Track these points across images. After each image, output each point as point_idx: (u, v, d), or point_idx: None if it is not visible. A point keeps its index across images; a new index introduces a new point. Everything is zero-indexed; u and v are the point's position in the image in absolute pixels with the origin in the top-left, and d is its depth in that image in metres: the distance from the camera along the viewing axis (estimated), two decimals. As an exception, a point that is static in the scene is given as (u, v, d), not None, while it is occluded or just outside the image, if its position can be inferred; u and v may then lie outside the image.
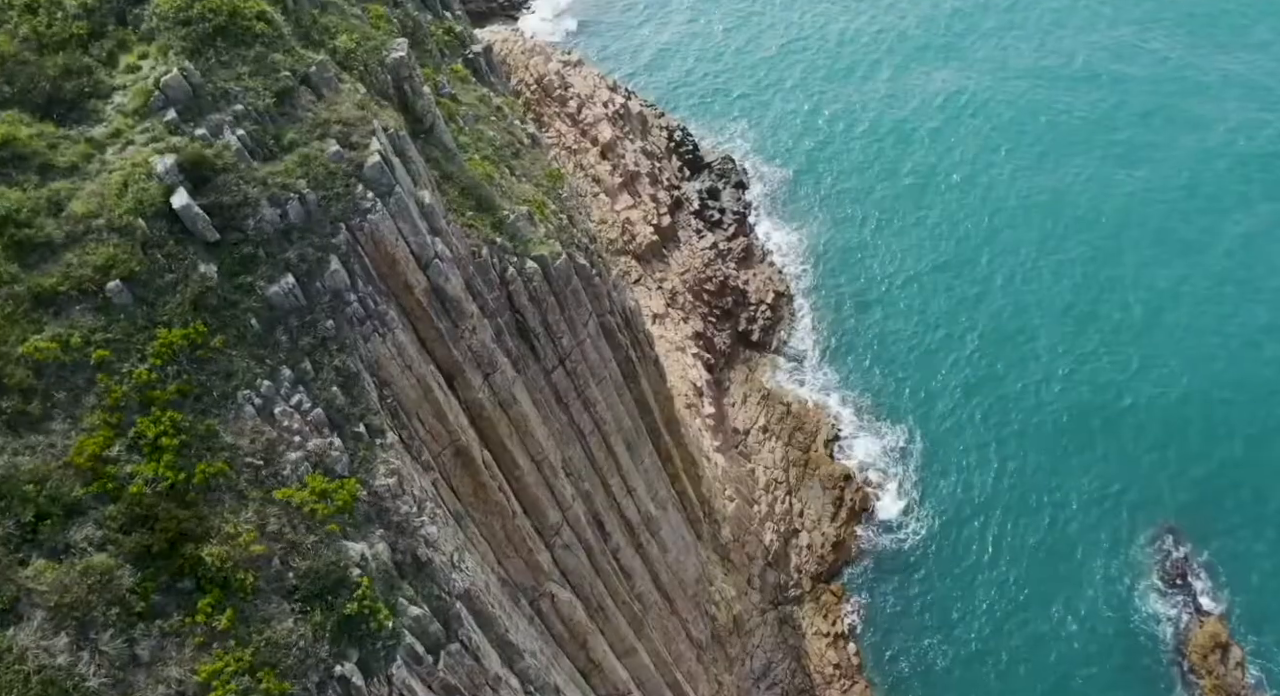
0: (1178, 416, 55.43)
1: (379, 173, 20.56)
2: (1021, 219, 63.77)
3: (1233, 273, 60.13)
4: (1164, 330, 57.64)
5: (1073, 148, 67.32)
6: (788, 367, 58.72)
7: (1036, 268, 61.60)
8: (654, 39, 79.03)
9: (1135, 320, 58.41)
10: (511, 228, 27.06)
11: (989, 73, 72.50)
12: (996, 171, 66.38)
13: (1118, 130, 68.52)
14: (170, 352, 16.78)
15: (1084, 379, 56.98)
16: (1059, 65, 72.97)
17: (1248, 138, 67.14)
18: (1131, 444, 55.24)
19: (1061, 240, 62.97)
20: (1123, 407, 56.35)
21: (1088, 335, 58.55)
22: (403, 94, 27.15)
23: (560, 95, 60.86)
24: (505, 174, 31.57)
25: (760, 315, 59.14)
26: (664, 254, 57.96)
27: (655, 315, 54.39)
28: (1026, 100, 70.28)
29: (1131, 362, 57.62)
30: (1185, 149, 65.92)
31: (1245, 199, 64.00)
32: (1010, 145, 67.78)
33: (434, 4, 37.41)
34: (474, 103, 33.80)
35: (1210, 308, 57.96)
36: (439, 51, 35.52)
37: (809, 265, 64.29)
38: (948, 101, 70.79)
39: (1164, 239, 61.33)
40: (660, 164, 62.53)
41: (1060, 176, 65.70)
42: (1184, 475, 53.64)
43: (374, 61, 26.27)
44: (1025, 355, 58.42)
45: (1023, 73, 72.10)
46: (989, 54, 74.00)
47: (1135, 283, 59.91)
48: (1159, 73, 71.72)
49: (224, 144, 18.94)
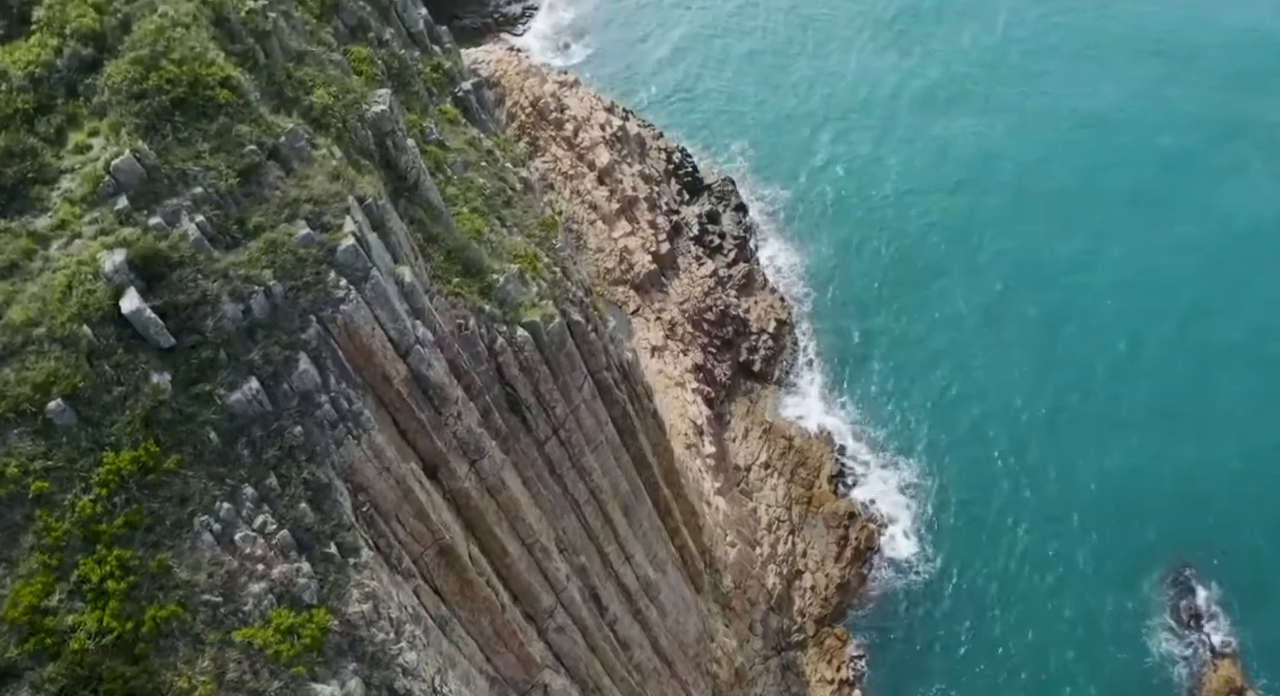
0: (1195, 453, 53.80)
1: (353, 256, 18.88)
2: (1035, 243, 62.06)
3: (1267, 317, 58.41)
4: (1181, 365, 56.00)
5: (1095, 169, 65.48)
6: (790, 399, 57.06)
7: (1054, 294, 59.79)
8: (654, 54, 77.19)
9: (1150, 351, 56.76)
10: (501, 293, 25.39)
11: (998, 90, 70.81)
12: (1010, 191, 64.67)
13: (1145, 165, 66.69)
14: (118, 479, 15.13)
15: (1099, 413, 55.27)
16: (1077, 89, 71.05)
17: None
18: (1146, 479, 53.63)
19: (1079, 262, 61.22)
20: (1138, 443, 54.70)
21: (1103, 368, 56.86)
22: (385, 150, 25.50)
23: (556, 118, 59.10)
24: (496, 226, 29.90)
25: (762, 345, 57.46)
26: (663, 282, 56.28)
27: (654, 348, 52.75)
28: (1040, 116, 68.58)
29: (1147, 396, 55.96)
30: (1225, 198, 64.09)
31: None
32: (1025, 163, 66.01)
33: (422, 39, 35.71)
34: (463, 147, 32.10)
35: (1230, 346, 56.31)
36: (427, 91, 33.82)
37: (811, 290, 62.58)
38: (957, 121, 69.07)
39: (1182, 271, 59.67)
40: (659, 188, 60.83)
41: (1081, 197, 63.87)
42: (1199, 512, 52.03)
43: (353, 117, 24.61)
44: (1038, 388, 56.72)
45: (1034, 91, 70.39)
46: (1000, 75, 72.20)
47: (1156, 313, 58.18)
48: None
49: (181, 233, 17.26)
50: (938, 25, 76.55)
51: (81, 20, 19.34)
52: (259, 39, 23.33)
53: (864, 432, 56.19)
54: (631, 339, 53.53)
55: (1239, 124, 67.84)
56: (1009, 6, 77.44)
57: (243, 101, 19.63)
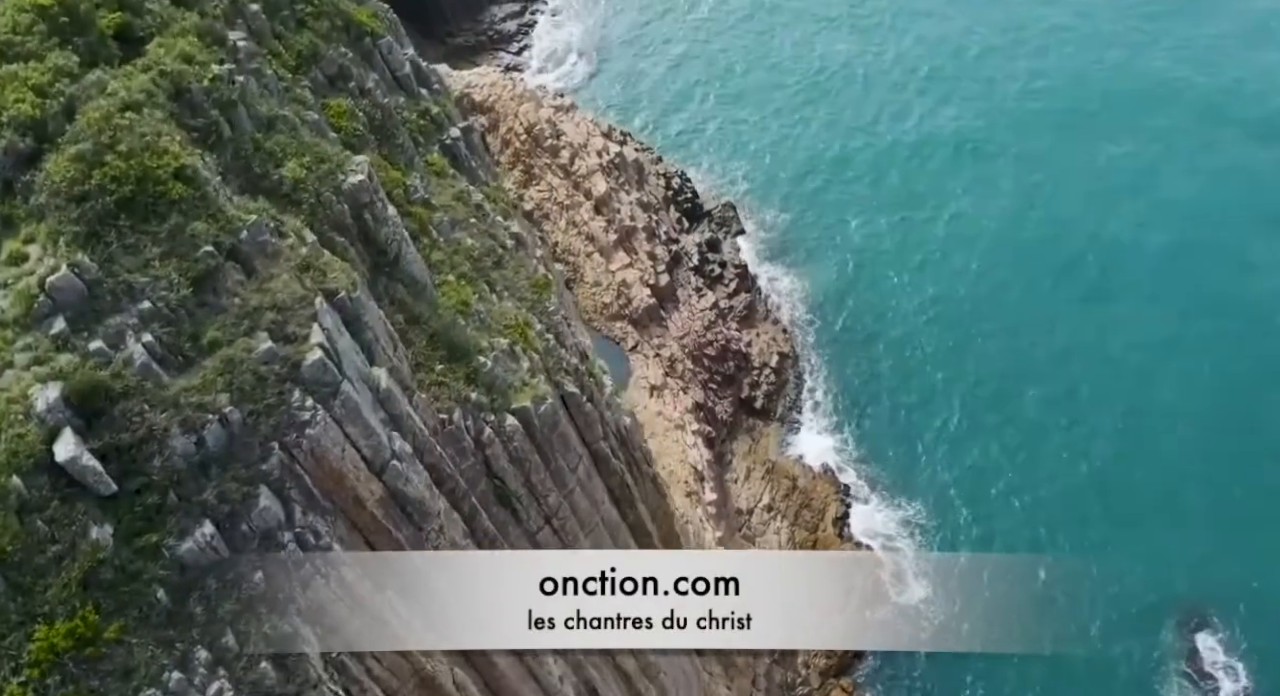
0: (1215, 497, 52.05)
1: (320, 371, 17.05)
2: (1047, 275, 60.15)
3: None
4: (1203, 407, 54.10)
5: (1117, 193, 63.57)
6: (793, 436, 55.28)
7: (1069, 325, 57.85)
8: (654, 73, 75.22)
9: (1173, 390, 54.87)
10: (489, 377, 23.56)
11: (1010, 116, 68.86)
12: (1017, 217, 62.80)
13: (1164, 184, 64.76)
14: (52, 657, 13.32)
15: (1114, 453, 53.47)
16: (1093, 109, 69.12)
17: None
18: (1163, 520, 51.93)
19: (1096, 290, 59.28)
20: (1155, 483, 52.93)
21: (1118, 407, 54.99)
22: (363, 223, 23.63)
23: (552, 145, 57.23)
24: (485, 292, 28.07)
25: (764, 380, 55.67)
26: (662, 316, 54.45)
27: (653, 387, 50.95)
28: (1056, 136, 66.70)
29: (1167, 435, 54.13)
30: (1244, 212, 62.27)
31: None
32: (1044, 189, 64.12)
33: (408, 83, 33.85)
34: (450, 204, 30.25)
35: (1256, 393, 54.42)
36: (413, 141, 31.97)
37: (815, 318, 60.78)
38: (967, 147, 67.17)
39: (1206, 321, 57.65)
40: (658, 216, 58.97)
41: (1093, 225, 61.95)
42: (1220, 557, 50.30)
43: (328, 190, 22.77)
44: (1050, 423, 54.93)
45: (1049, 116, 68.44)
46: (1011, 99, 70.21)
47: (1176, 346, 56.34)
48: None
49: (125, 358, 15.43)
50: (951, 58, 74.47)
51: (19, 106, 17.49)
52: (224, 110, 21.47)
53: (870, 471, 54.40)
54: (630, 377, 51.81)
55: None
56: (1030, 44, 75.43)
57: (199, 194, 17.77)
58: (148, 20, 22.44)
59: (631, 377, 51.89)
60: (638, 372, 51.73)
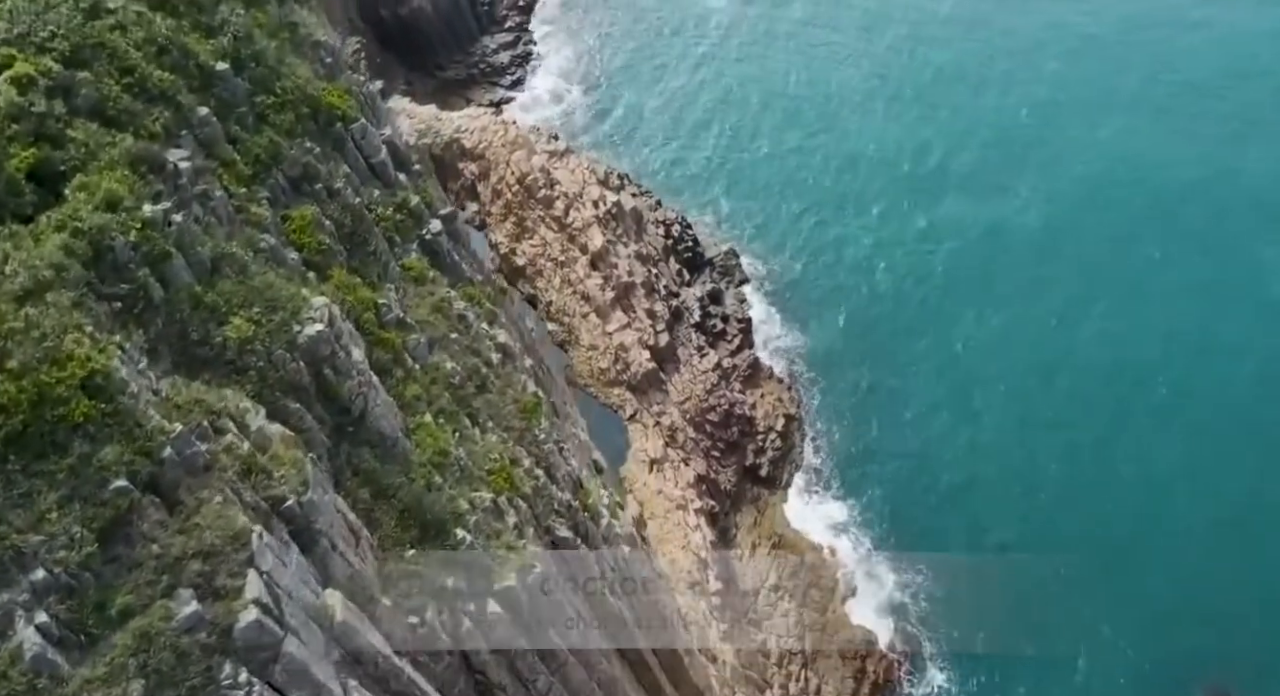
0: (1237, 566, 49.26)
1: (257, 633, 14.03)
2: (1060, 326, 57.26)
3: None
4: (1226, 472, 51.32)
5: (1125, 246, 60.62)
6: (800, 506, 52.32)
7: (1084, 387, 54.96)
8: (649, 106, 72.11)
9: (1202, 455, 51.99)
10: (468, 556, 20.56)
11: (1028, 162, 65.85)
12: (1029, 270, 59.82)
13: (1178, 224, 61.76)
14: None
15: (1130, 522, 50.65)
16: (1104, 157, 66.11)
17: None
18: (1183, 591, 49.16)
19: (1110, 349, 56.31)
20: (1173, 550, 50.19)
21: (1134, 473, 52.15)
22: (322, 379, 20.62)
23: (546, 196, 54.12)
24: (466, 427, 25.03)
25: (769, 445, 52.68)
26: (662, 380, 51.38)
27: (652, 461, 47.93)
28: (1068, 193, 63.70)
29: (1191, 499, 51.33)
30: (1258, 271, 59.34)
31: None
32: (1065, 239, 61.17)
33: (384, 171, 30.72)
34: (429, 319, 27.18)
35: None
36: (388, 242, 28.92)
37: (821, 376, 57.77)
38: (981, 192, 64.14)
39: (1228, 367, 54.90)
40: (657, 268, 55.86)
41: (1108, 276, 58.96)
42: (1238, 628, 47.52)
43: (280, 346, 19.76)
44: (1068, 490, 52.04)
45: (1069, 161, 65.43)
46: (1027, 147, 67.15)
47: (1199, 410, 53.50)
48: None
49: (13, 651, 12.43)
50: (964, 96, 71.36)
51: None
52: (155, 266, 18.42)
53: (881, 542, 51.49)
54: (629, 450, 48.83)
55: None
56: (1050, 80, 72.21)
57: (111, 409, 14.71)
58: (70, 152, 19.36)
59: (630, 450, 48.92)
60: (636, 445, 48.71)
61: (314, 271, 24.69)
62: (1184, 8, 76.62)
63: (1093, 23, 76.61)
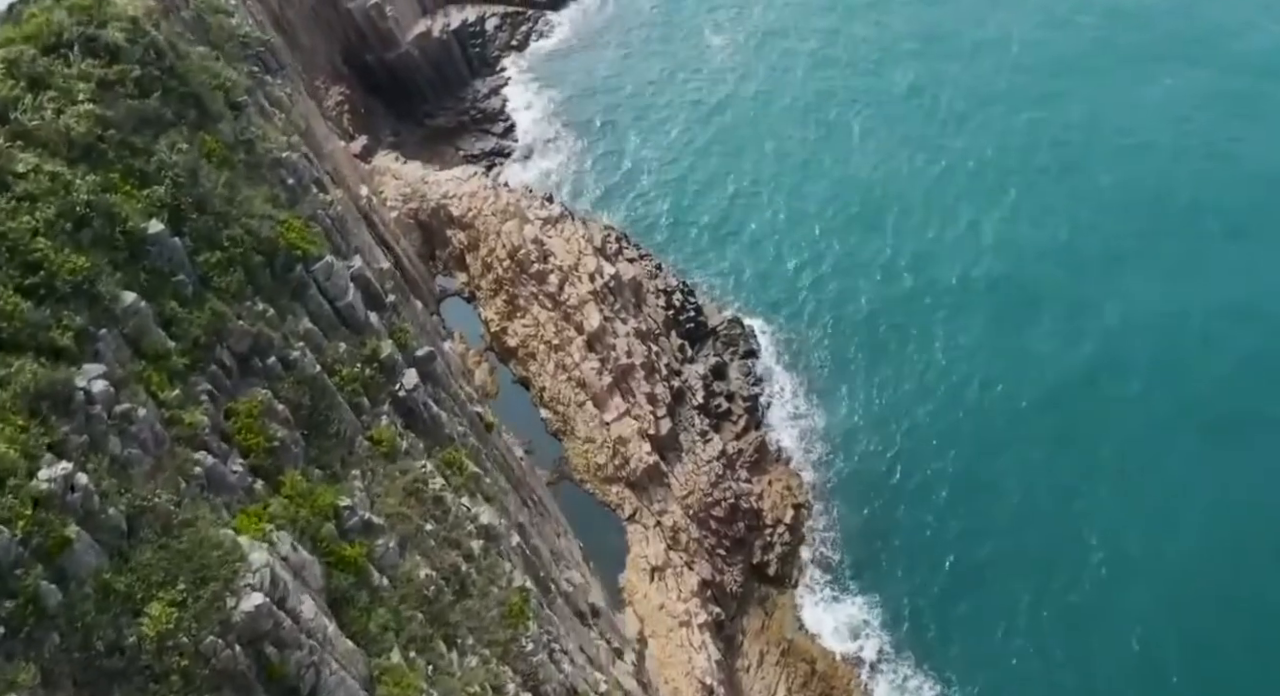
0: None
1: None
2: (1091, 413, 53.62)
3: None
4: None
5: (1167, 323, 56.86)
6: (810, 606, 48.84)
7: (1134, 466, 51.12)
8: (649, 157, 68.28)
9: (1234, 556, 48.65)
10: None
11: (1043, 218, 62.27)
12: (1071, 354, 55.95)
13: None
14: None
15: (1179, 612, 47.06)
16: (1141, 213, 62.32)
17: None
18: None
19: (1168, 436, 52.44)
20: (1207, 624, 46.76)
21: (1178, 560, 48.69)
22: (264, 659, 17.15)
23: (539, 270, 50.47)
24: (440, 657, 21.52)
25: (778, 540, 49.20)
26: (663, 472, 47.83)
27: (653, 569, 44.51)
28: (1105, 266, 59.92)
29: (1221, 599, 48.02)
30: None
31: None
32: (1086, 318, 57.48)
33: (352, 315, 27.14)
34: (400, 511, 23.64)
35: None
36: (356, 406, 25.34)
37: (831, 458, 54.11)
38: (1004, 255, 60.48)
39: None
40: (657, 345, 52.26)
41: (1149, 357, 55.26)
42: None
43: (211, 630, 16.27)
44: (1104, 588, 48.52)
45: (1101, 233, 61.60)
46: (1044, 197, 63.59)
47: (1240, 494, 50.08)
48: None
49: None
50: (985, 140, 67.65)
51: None
52: (48, 563, 14.94)
53: (901, 647, 48.00)
54: (628, 556, 45.41)
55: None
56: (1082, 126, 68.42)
57: None
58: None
59: (629, 556, 45.48)
60: (636, 550, 45.25)
61: (262, 480, 21.20)
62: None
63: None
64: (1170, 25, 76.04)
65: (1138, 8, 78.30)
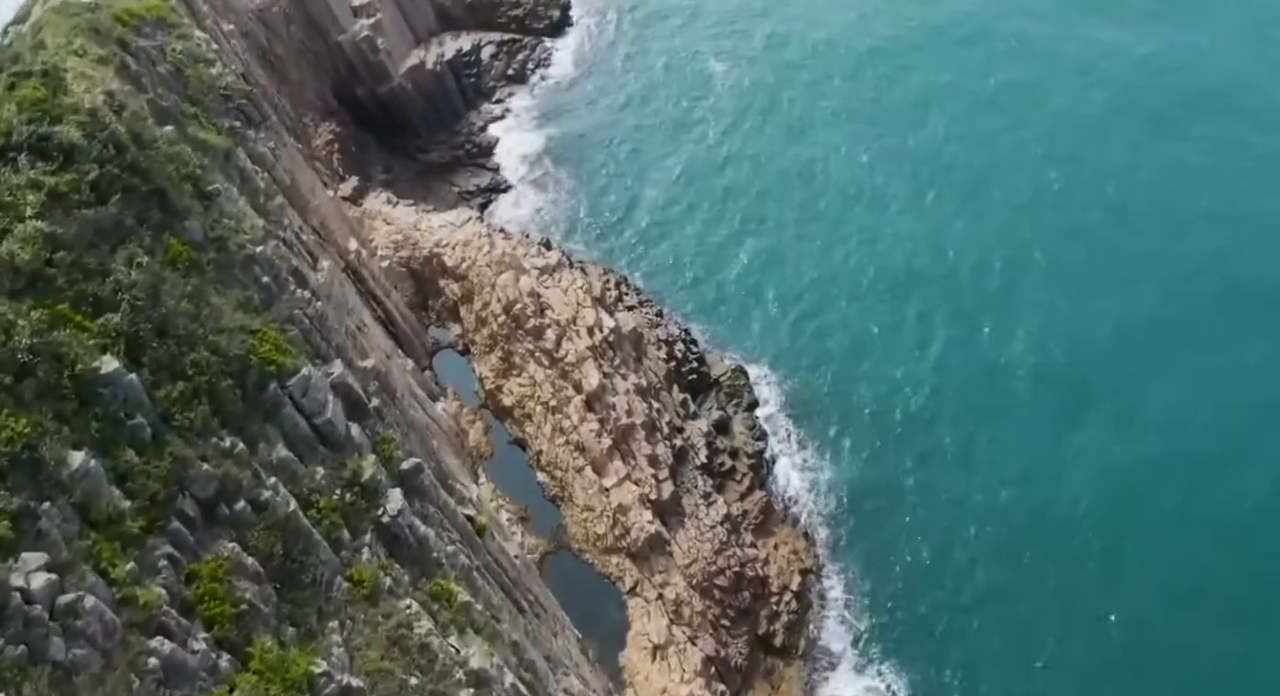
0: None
1: None
2: (1122, 463, 51.46)
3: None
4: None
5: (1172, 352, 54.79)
6: (819, 681, 46.87)
7: (1158, 522, 48.89)
8: (647, 195, 66.05)
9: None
10: None
11: (1074, 261, 59.99)
12: (1084, 413, 53.76)
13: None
14: None
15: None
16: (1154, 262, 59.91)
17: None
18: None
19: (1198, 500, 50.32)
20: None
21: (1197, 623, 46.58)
22: None
23: (535, 326, 48.36)
24: None
25: (784, 608, 47.16)
26: (665, 540, 45.78)
27: (655, 648, 42.52)
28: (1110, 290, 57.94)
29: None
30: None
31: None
32: (1098, 360, 55.39)
33: (331, 432, 25.04)
34: (382, 666, 21.57)
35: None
36: (335, 541, 23.26)
37: (840, 516, 52.01)
38: (1030, 298, 58.20)
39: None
40: (659, 401, 50.16)
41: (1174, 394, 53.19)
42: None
43: None
44: (1132, 657, 46.38)
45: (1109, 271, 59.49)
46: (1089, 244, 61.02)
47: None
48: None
49: None
50: (1000, 179, 65.18)
51: None
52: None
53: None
54: (629, 633, 43.38)
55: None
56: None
57: None
58: None
59: (630, 633, 43.49)
60: (637, 627, 43.26)
61: (229, 653, 19.14)
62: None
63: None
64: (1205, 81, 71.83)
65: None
